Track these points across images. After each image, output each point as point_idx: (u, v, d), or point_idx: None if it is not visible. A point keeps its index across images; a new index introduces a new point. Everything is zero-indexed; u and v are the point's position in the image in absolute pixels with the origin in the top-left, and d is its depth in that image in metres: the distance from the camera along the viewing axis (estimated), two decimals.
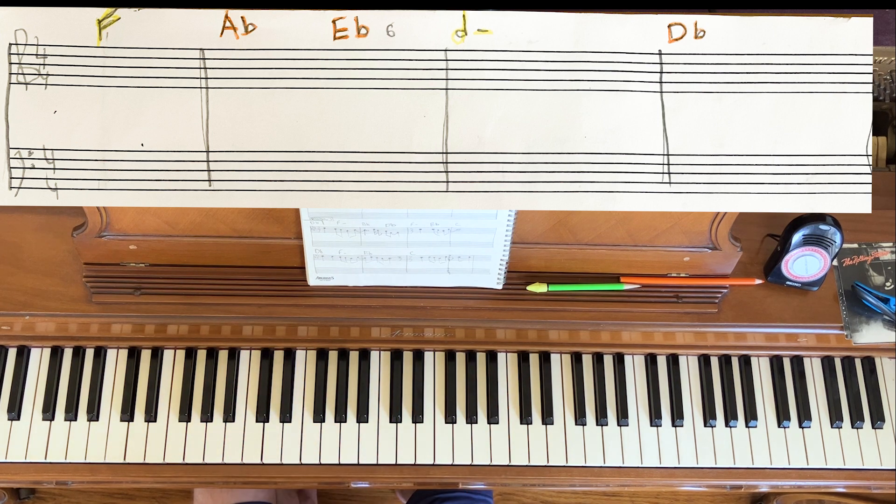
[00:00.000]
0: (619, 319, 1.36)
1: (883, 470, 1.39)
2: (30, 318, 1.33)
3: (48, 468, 1.36)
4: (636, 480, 1.39)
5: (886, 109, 1.46)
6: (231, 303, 1.33)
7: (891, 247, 1.39)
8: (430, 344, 1.43)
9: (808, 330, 1.38)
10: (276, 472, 1.36)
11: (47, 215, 1.35)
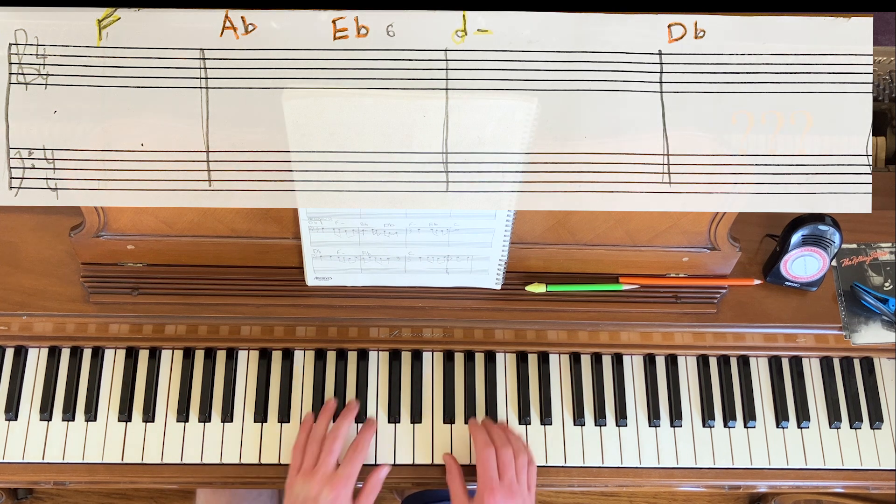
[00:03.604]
0: (617, 320, 1.36)
1: (881, 470, 1.40)
2: (27, 318, 1.33)
3: (46, 468, 1.35)
4: (634, 481, 1.39)
5: (886, 109, 1.46)
6: (229, 303, 1.33)
7: (890, 247, 1.40)
8: (429, 344, 1.43)
9: (807, 330, 1.38)
10: (275, 473, 1.36)
11: (45, 215, 1.35)
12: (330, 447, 1.30)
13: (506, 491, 1.27)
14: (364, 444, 1.34)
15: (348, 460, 1.30)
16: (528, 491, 1.31)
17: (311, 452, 1.31)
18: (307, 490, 1.26)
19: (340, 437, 1.32)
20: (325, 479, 1.27)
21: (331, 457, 1.30)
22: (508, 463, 1.30)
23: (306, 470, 1.29)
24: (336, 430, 1.32)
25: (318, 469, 1.28)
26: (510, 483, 1.28)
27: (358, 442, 1.34)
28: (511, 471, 1.30)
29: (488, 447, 1.32)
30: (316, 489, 1.26)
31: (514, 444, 1.34)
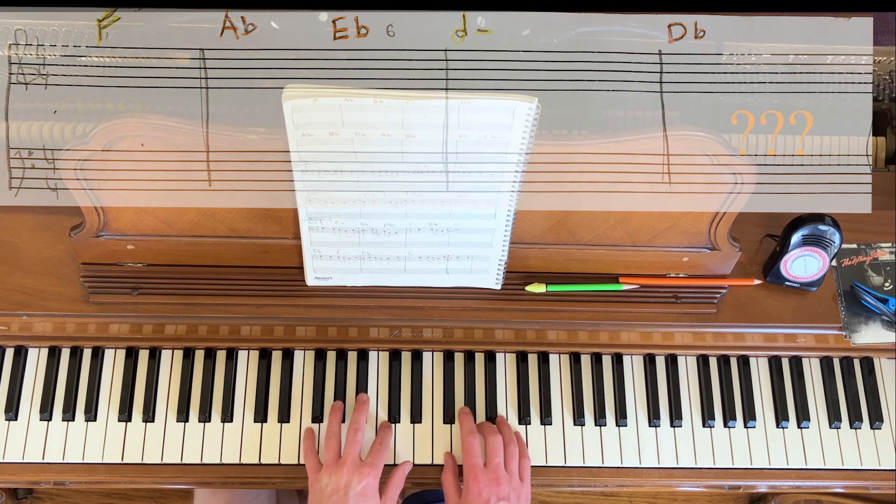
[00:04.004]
0: (617, 320, 1.36)
1: (881, 470, 1.39)
2: (27, 318, 1.33)
3: (46, 468, 1.35)
4: (634, 481, 1.39)
5: (886, 109, 1.46)
6: (229, 303, 1.33)
7: (890, 247, 1.39)
8: (429, 344, 1.42)
9: (807, 330, 1.38)
10: (275, 473, 1.36)
11: (45, 215, 1.35)
12: (353, 438, 1.30)
13: (490, 477, 1.27)
14: (388, 440, 1.34)
15: (374, 452, 1.31)
16: (521, 481, 1.30)
17: (331, 447, 1.31)
18: (336, 481, 1.26)
19: (361, 429, 1.32)
20: (353, 468, 1.26)
21: (355, 447, 1.29)
22: (496, 450, 1.30)
23: (330, 463, 1.29)
24: (356, 423, 1.32)
25: (344, 459, 1.28)
26: (495, 469, 1.28)
27: (381, 438, 1.34)
28: (498, 458, 1.29)
29: (472, 435, 1.32)
30: (346, 478, 1.25)
31: (504, 433, 1.34)
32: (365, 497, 1.25)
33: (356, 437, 1.30)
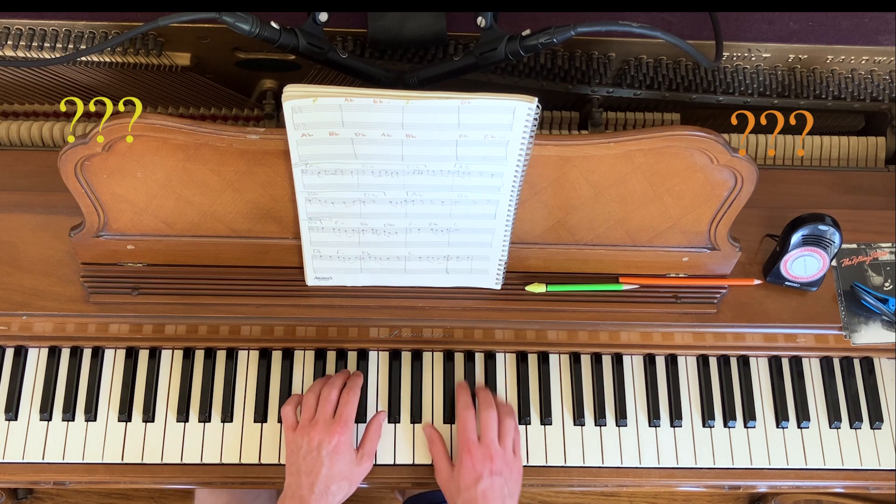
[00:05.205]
0: (617, 320, 1.36)
1: (881, 470, 1.39)
2: (27, 318, 1.33)
3: (46, 468, 1.35)
4: (634, 481, 1.39)
5: (886, 109, 1.46)
6: (229, 303, 1.33)
7: (889, 247, 1.39)
8: (429, 344, 1.42)
9: (807, 330, 1.38)
10: (275, 473, 1.35)
11: (45, 215, 1.35)
12: (327, 396, 1.31)
13: (484, 452, 1.27)
14: (356, 387, 1.34)
15: (343, 403, 1.31)
16: (514, 455, 1.31)
17: (308, 405, 1.32)
18: (308, 441, 1.27)
19: (337, 387, 1.32)
20: (324, 428, 1.27)
21: (328, 406, 1.30)
22: (490, 425, 1.30)
23: (304, 423, 1.29)
24: (333, 380, 1.33)
25: (316, 420, 1.28)
26: (490, 444, 1.28)
27: (350, 386, 1.34)
28: (492, 433, 1.29)
29: (468, 409, 1.32)
30: (318, 438, 1.27)
31: (500, 407, 1.34)
32: (338, 454, 1.26)
33: (329, 397, 1.31)
